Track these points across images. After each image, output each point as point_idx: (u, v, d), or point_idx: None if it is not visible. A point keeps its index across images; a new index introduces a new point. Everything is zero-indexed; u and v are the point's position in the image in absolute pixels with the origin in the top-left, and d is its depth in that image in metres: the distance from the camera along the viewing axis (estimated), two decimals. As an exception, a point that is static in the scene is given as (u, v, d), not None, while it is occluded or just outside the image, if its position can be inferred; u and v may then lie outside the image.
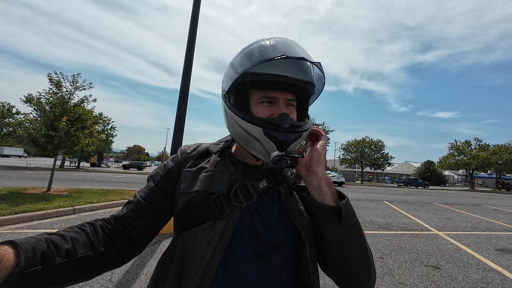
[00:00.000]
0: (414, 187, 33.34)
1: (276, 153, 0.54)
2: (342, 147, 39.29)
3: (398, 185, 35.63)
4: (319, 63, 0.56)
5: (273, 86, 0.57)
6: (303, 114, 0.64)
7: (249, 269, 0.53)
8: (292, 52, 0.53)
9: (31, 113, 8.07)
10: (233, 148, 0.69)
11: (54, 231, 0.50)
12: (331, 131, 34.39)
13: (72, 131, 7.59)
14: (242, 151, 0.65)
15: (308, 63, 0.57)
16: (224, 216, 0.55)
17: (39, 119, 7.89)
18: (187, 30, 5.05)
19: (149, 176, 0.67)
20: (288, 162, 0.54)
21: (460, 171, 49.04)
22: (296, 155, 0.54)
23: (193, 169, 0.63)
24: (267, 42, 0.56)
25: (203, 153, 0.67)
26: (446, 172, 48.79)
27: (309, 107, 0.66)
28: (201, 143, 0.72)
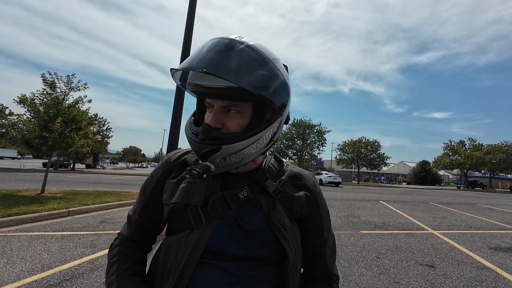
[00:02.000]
0: (471, 188, 33.36)
1: (197, 162, 0.58)
2: (339, 147, 39.50)
3: (457, 187, 35.26)
4: (203, 71, 0.48)
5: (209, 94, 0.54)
6: (259, 118, 0.56)
7: (225, 278, 0.54)
8: (204, 57, 0.50)
9: (24, 114, 7.95)
10: None
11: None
12: (328, 131, 34.53)
13: (66, 132, 7.50)
14: None
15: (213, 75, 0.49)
16: (200, 227, 0.56)
17: (32, 120, 7.78)
18: (184, 31, 5.04)
19: (142, 187, 0.71)
20: (196, 174, 0.55)
21: (455, 171, 49.68)
22: (201, 171, 0.53)
23: (175, 180, 0.64)
24: (201, 44, 0.54)
25: (185, 164, 0.67)
26: (441, 172, 49.34)
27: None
28: (190, 150, 0.70)
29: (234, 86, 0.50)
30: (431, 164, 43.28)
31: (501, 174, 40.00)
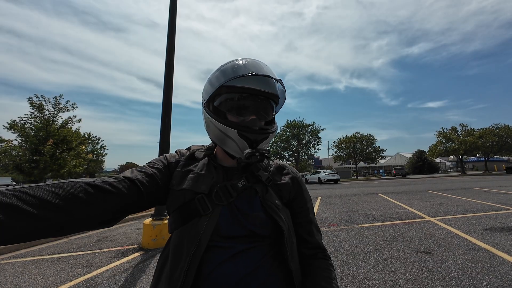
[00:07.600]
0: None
1: (248, 150, 0.66)
2: (335, 144, 39.75)
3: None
4: (280, 79, 0.70)
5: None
6: (270, 120, 0.76)
7: (233, 257, 0.61)
8: (259, 70, 0.68)
9: (16, 139, 7.90)
10: (216, 154, 0.79)
11: None
12: (322, 130, 34.78)
13: (57, 153, 7.46)
14: (223, 156, 0.75)
15: (273, 79, 0.70)
16: (207, 213, 0.63)
17: (23, 144, 7.73)
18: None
19: (150, 162, 0.73)
20: (258, 157, 0.67)
21: (451, 157, 50.22)
22: (264, 152, 0.68)
23: (183, 170, 0.72)
24: (240, 62, 0.69)
25: (192, 157, 0.77)
26: (438, 160, 49.84)
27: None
28: (190, 146, 0.84)
29: (275, 93, 0.72)
30: (427, 153, 43.73)
31: (495, 156, 40.62)
